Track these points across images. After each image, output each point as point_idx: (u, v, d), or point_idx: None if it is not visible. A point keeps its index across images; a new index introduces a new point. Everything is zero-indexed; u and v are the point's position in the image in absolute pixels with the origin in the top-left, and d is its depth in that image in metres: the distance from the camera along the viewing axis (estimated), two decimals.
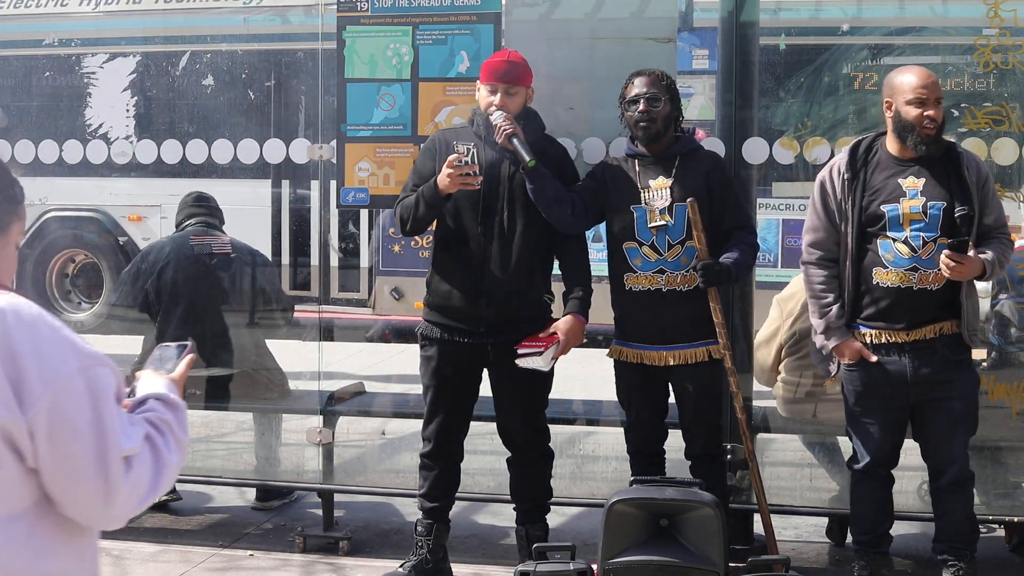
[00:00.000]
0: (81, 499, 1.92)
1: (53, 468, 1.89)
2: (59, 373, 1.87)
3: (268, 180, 8.78)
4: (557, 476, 4.92)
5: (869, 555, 4.56)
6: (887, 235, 4.34)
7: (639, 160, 4.64)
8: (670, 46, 4.97)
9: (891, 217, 4.33)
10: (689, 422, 4.68)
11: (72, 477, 1.89)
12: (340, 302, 10.15)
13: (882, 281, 4.35)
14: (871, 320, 4.40)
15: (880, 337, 4.38)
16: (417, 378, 4.81)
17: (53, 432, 1.86)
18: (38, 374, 1.86)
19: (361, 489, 5.63)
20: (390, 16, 5.06)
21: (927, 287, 4.31)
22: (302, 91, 8.78)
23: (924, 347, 4.35)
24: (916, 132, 4.32)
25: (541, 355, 4.52)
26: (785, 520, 5.42)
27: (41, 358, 1.87)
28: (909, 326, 4.35)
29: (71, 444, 1.88)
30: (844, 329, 4.42)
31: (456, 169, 4.43)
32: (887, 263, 4.34)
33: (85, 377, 1.90)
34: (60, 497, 1.92)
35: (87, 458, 1.89)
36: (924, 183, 4.33)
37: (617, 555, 4.15)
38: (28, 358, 1.86)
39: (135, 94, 7.85)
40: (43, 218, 9.32)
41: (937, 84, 4.35)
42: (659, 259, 4.55)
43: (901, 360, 4.37)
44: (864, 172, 4.39)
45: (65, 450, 1.88)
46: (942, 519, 4.49)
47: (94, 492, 1.91)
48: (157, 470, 1.99)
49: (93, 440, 1.89)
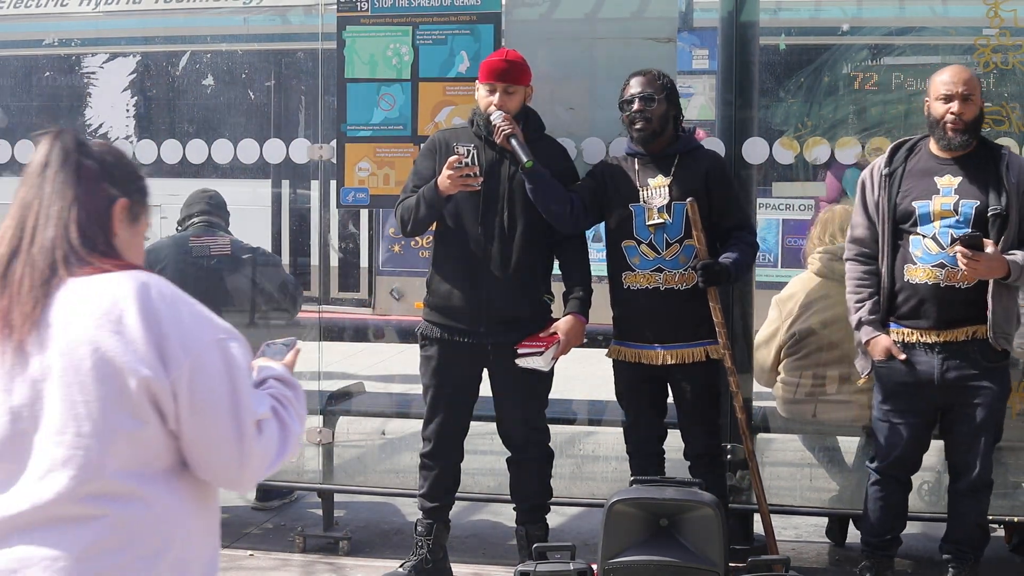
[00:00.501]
0: (217, 461, 2.07)
1: (193, 431, 2.04)
2: (198, 342, 2.03)
3: (268, 180, 8.77)
4: (557, 476, 4.92)
5: (876, 557, 4.56)
6: (917, 231, 4.33)
7: (638, 159, 4.64)
8: (670, 46, 4.97)
9: (921, 213, 4.33)
10: (688, 422, 4.69)
11: (210, 440, 2.05)
12: (340, 302, 10.14)
13: (912, 278, 4.35)
14: (903, 319, 4.40)
15: (911, 336, 4.38)
16: (417, 378, 4.81)
17: (193, 396, 2.02)
18: (179, 341, 2.01)
19: (361, 489, 5.64)
20: (390, 16, 5.06)
21: (955, 284, 4.29)
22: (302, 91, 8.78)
23: (955, 349, 4.33)
24: (941, 127, 4.31)
25: (541, 355, 4.52)
26: (785, 520, 5.42)
27: (181, 327, 2.03)
28: (939, 325, 4.33)
29: (209, 409, 2.03)
30: (876, 325, 4.42)
31: (456, 170, 4.44)
32: (916, 259, 4.34)
33: (220, 348, 2.06)
34: (198, 459, 2.07)
35: (224, 422, 2.04)
36: (960, 182, 4.32)
37: (617, 555, 4.16)
38: (170, 325, 2.01)
39: (135, 94, 7.84)
40: None
41: (968, 80, 4.31)
42: (657, 257, 4.55)
43: (930, 361, 4.36)
44: (902, 169, 4.40)
45: (204, 414, 2.03)
46: (954, 521, 4.49)
47: (229, 455, 2.06)
48: (283, 437, 2.15)
49: (229, 406, 2.05)
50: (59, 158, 2.09)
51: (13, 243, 2.07)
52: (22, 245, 2.06)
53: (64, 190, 2.07)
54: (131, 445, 2.01)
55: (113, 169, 2.14)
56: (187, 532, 2.08)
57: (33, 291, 2.02)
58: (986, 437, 4.40)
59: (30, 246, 2.05)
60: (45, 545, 1.96)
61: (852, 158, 5.00)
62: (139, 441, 2.01)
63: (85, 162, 2.11)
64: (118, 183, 2.14)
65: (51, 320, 2.01)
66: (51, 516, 1.97)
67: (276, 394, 2.20)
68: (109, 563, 1.98)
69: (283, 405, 2.19)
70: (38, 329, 2.01)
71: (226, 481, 2.12)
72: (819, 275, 5.16)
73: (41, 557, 1.96)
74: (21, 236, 2.06)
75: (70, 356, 1.99)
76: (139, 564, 2.00)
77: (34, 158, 2.12)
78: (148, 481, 2.02)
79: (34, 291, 2.02)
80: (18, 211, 2.09)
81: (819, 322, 5.13)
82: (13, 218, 2.09)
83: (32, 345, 2.01)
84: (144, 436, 2.01)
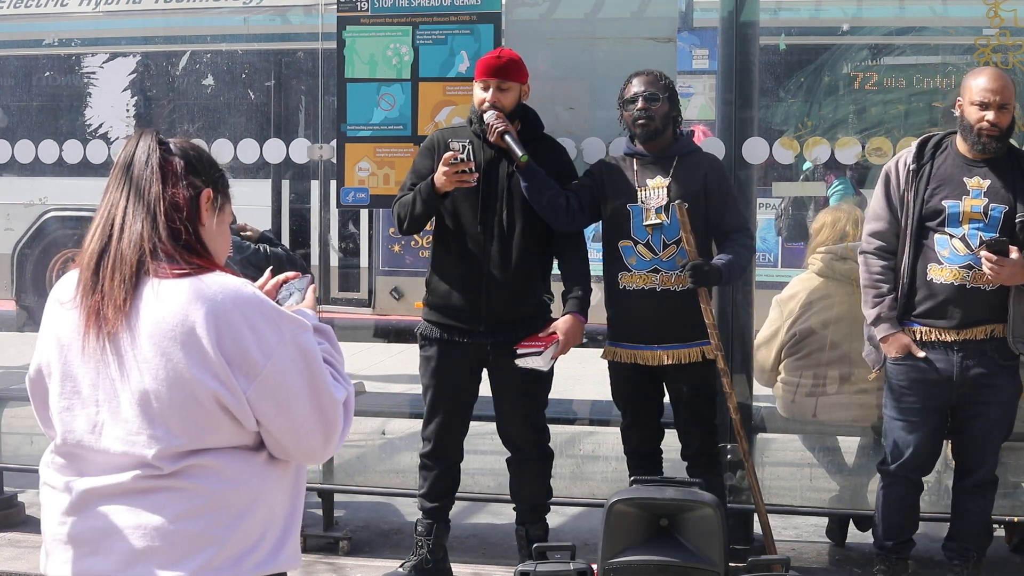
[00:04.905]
0: (304, 449, 2.19)
1: (279, 427, 2.15)
2: (275, 344, 2.12)
3: (268, 180, 8.78)
4: (557, 476, 4.92)
5: (890, 560, 4.56)
6: (945, 231, 4.32)
7: (638, 159, 4.64)
8: (670, 46, 4.97)
9: (951, 213, 4.32)
10: (684, 423, 4.69)
11: (296, 433, 2.16)
12: (340, 302, 10.15)
13: (936, 277, 4.34)
14: (923, 317, 4.39)
15: (930, 335, 4.37)
16: (417, 378, 4.81)
17: (277, 397, 2.12)
18: (257, 347, 2.10)
19: (361, 489, 5.63)
20: (390, 16, 5.06)
21: (980, 286, 4.28)
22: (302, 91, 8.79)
23: (974, 348, 4.33)
24: (975, 133, 4.30)
25: (541, 355, 4.52)
26: (785, 520, 5.42)
27: (258, 333, 2.11)
28: (960, 325, 4.32)
29: (294, 404, 2.14)
30: (894, 321, 4.41)
31: (452, 167, 4.43)
32: (942, 259, 4.33)
33: (296, 344, 2.14)
34: (284, 449, 2.18)
35: (309, 416, 2.16)
36: (989, 185, 4.31)
37: (617, 555, 4.15)
38: (247, 334, 2.10)
39: (135, 94, 7.84)
40: (43, 218, 9.32)
41: (1006, 89, 4.28)
42: (654, 258, 4.55)
43: (949, 359, 4.35)
44: (930, 166, 4.38)
45: (289, 411, 2.14)
46: (958, 519, 4.50)
47: (315, 442, 2.18)
48: (348, 406, 2.26)
49: (312, 400, 2.15)
50: (142, 157, 2.18)
51: (103, 240, 2.16)
52: (111, 242, 2.15)
53: (151, 186, 2.16)
54: (205, 442, 2.12)
55: (196, 162, 2.24)
56: (266, 503, 2.18)
57: (124, 284, 2.11)
58: (998, 434, 4.42)
59: (119, 241, 2.14)
60: (128, 516, 2.11)
61: (852, 158, 5.00)
62: (213, 439, 2.13)
63: (169, 158, 2.20)
64: (202, 175, 2.23)
65: (138, 315, 2.11)
66: (132, 491, 2.11)
67: (328, 359, 2.26)
68: (187, 532, 2.10)
69: (336, 370, 2.27)
70: (128, 321, 2.11)
71: (310, 460, 2.25)
72: (820, 275, 5.16)
73: (123, 527, 2.10)
74: (110, 233, 2.16)
75: (147, 361, 2.10)
76: (217, 532, 2.12)
77: (119, 158, 2.22)
78: (227, 458, 2.14)
79: (124, 285, 2.11)
80: (106, 210, 2.18)
81: (820, 322, 5.13)
82: (102, 216, 2.19)
83: (121, 338, 2.11)
84: (218, 436, 2.14)
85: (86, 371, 2.15)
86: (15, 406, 5.89)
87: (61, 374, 2.18)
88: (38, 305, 8.34)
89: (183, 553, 2.10)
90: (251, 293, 2.15)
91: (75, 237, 9.52)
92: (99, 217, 2.19)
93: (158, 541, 2.10)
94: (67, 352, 2.17)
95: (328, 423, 2.18)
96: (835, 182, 6.62)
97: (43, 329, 2.24)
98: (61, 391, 2.17)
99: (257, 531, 2.17)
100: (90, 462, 2.15)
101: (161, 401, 2.10)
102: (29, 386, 2.27)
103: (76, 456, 2.17)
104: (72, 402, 2.16)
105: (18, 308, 9.26)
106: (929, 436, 4.45)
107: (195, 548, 2.10)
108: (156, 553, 2.10)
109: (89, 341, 2.13)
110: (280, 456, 2.20)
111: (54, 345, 2.19)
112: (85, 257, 2.17)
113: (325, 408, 2.17)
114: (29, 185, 7.76)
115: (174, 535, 2.10)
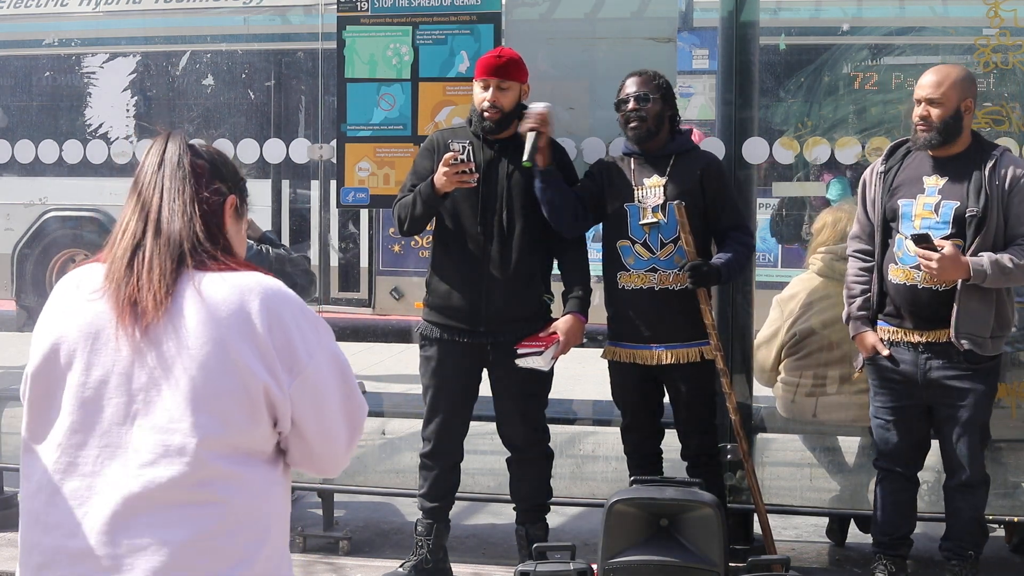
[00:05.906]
0: (328, 456, 2.19)
1: (313, 430, 2.14)
2: (317, 346, 2.13)
3: (268, 180, 8.78)
4: (557, 476, 4.92)
5: (888, 557, 4.56)
6: (900, 231, 4.35)
7: (635, 158, 4.65)
8: (670, 46, 4.97)
9: (903, 212, 4.35)
10: (684, 422, 4.69)
11: (326, 438, 2.16)
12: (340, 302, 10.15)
13: (894, 278, 4.37)
14: (888, 317, 4.44)
15: (896, 335, 4.41)
16: (417, 378, 4.81)
17: (316, 398, 2.13)
18: (303, 346, 2.10)
19: (361, 489, 5.63)
20: (390, 16, 5.06)
21: (932, 287, 4.29)
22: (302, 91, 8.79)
23: (939, 350, 4.33)
24: (913, 129, 4.36)
25: (541, 355, 4.52)
26: (785, 520, 5.42)
27: (303, 333, 2.11)
28: (919, 326, 4.35)
29: (329, 408, 2.15)
30: (863, 321, 4.46)
31: (452, 167, 4.44)
32: (898, 260, 4.36)
33: (331, 349, 2.16)
34: (308, 454, 2.17)
35: (340, 422, 2.17)
36: (946, 182, 4.32)
37: (617, 555, 4.15)
38: (295, 332, 2.10)
39: (135, 94, 7.85)
40: (43, 218, 9.32)
41: (941, 84, 4.30)
42: (651, 257, 4.55)
43: (914, 359, 4.37)
44: (898, 168, 4.42)
45: (324, 414, 2.14)
46: (950, 518, 4.50)
47: (339, 451, 2.20)
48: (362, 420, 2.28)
49: (345, 406, 2.17)
50: (173, 158, 2.17)
51: (137, 235, 2.13)
52: (147, 237, 2.12)
53: (184, 187, 2.15)
54: (244, 439, 2.08)
55: (222, 168, 2.24)
56: (281, 518, 2.17)
57: (164, 278, 2.08)
58: (971, 437, 4.39)
59: (156, 236, 2.12)
60: (155, 530, 2.01)
61: (852, 158, 5.00)
62: (251, 436, 2.09)
63: (197, 161, 2.19)
64: (227, 180, 2.23)
65: (179, 310, 2.07)
66: (161, 501, 2.02)
67: None
68: (217, 548, 2.04)
69: None
70: (168, 316, 2.07)
71: (323, 471, 2.24)
72: (821, 275, 5.16)
73: (150, 542, 2.01)
74: (145, 228, 2.13)
75: (196, 350, 2.05)
76: (247, 549, 2.07)
77: (147, 159, 2.20)
78: (253, 468, 2.10)
79: (165, 279, 2.09)
80: (138, 207, 2.16)
81: (820, 322, 5.13)
82: (135, 212, 2.16)
83: (159, 332, 2.07)
84: (256, 434, 2.10)
85: (118, 360, 2.07)
86: (15, 406, 5.89)
87: (85, 363, 2.09)
88: (38, 305, 8.34)
89: (213, 571, 2.02)
90: (293, 294, 2.16)
91: (75, 237, 9.54)
92: (131, 213, 2.16)
93: (187, 558, 2.00)
94: (93, 342, 2.09)
95: (353, 430, 2.20)
96: (832, 181, 6.63)
97: (54, 320, 2.15)
98: (85, 381, 2.09)
99: (279, 546, 2.15)
100: (115, 459, 2.04)
101: (209, 388, 2.04)
102: (31, 378, 2.16)
103: (90, 455, 2.06)
104: (99, 392, 2.08)
105: (18, 308, 9.25)
106: (906, 433, 4.48)
107: (227, 565, 2.03)
108: (184, 570, 2.00)
109: (124, 332, 2.07)
110: (300, 463, 2.18)
111: (77, 335, 2.10)
112: (119, 250, 2.13)
113: (353, 414, 2.19)
114: (29, 185, 7.75)
115: (196, 556, 2.01)
